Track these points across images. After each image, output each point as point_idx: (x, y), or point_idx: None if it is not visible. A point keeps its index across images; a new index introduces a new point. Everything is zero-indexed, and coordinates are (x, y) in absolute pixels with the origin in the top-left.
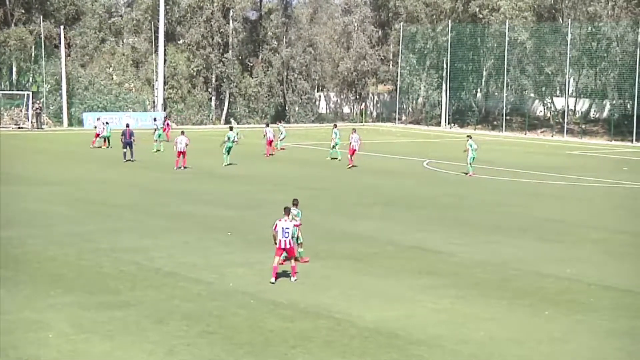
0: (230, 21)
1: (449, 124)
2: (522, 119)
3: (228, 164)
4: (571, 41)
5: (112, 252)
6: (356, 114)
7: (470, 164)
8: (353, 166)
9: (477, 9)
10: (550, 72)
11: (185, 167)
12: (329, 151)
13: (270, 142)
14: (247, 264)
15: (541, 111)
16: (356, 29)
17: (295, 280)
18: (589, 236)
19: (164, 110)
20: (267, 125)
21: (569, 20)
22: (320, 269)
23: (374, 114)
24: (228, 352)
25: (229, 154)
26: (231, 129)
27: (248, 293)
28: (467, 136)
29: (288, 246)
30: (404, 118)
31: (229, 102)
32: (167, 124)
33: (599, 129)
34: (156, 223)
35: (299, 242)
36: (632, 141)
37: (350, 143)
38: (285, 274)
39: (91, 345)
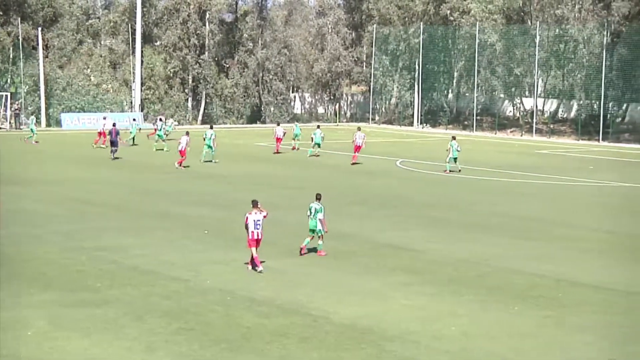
0: (207, 23)
1: (421, 124)
2: (493, 119)
3: (207, 161)
4: (539, 43)
5: (93, 250)
6: (330, 114)
7: (447, 162)
8: (356, 163)
9: (448, 12)
10: (519, 73)
11: (179, 166)
12: (308, 150)
13: (279, 140)
14: (224, 262)
15: (511, 111)
16: (330, 31)
17: (261, 270)
18: (559, 233)
19: (142, 111)
20: (278, 124)
21: (538, 22)
22: (297, 266)
23: (348, 114)
24: (205, 348)
25: (211, 148)
26: (211, 127)
27: (225, 290)
28: (452, 137)
29: (260, 237)
30: (377, 118)
31: (206, 102)
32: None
33: (567, 129)
34: (137, 222)
35: (319, 234)
36: (598, 140)
37: (355, 140)
38: (256, 272)
39: (70, 342)
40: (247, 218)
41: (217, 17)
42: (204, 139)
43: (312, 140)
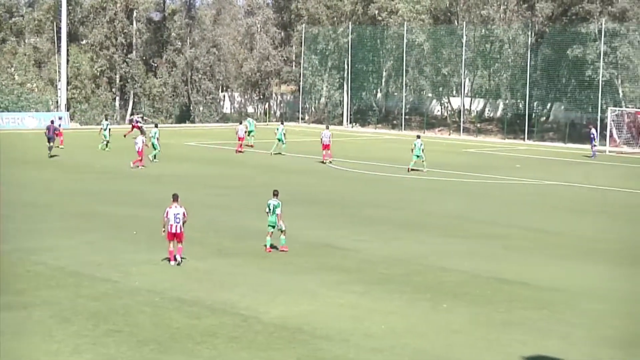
0: (134, 22)
1: (350, 123)
2: (421, 118)
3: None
4: (466, 43)
5: (20, 252)
6: (260, 113)
7: (414, 160)
8: (324, 161)
9: (377, 12)
10: (446, 73)
11: (134, 165)
12: (272, 146)
13: (241, 139)
14: (153, 262)
15: (439, 110)
16: (259, 30)
17: (180, 262)
18: (487, 231)
19: (67, 111)
20: (241, 123)
21: (464, 23)
22: (227, 265)
23: (278, 113)
24: (134, 349)
25: (154, 147)
26: (156, 125)
27: (153, 291)
28: (417, 136)
29: (179, 231)
30: (307, 118)
31: (134, 102)
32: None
33: (493, 128)
34: (66, 223)
35: (282, 230)
36: (524, 139)
37: (322, 139)
38: (186, 271)
39: None
40: (167, 212)
41: (144, 15)
42: (150, 138)
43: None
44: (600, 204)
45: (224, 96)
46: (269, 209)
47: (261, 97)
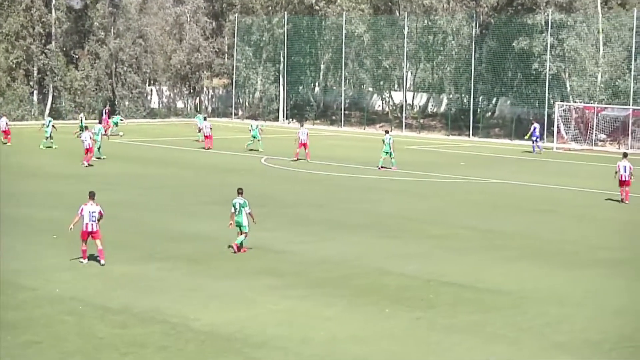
0: (53, 10)
1: (287, 118)
2: (361, 113)
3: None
4: (408, 34)
5: None
6: (190, 108)
7: (383, 157)
8: (299, 159)
9: (314, 1)
10: (388, 66)
11: (85, 163)
12: (246, 143)
13: (208, 137)
14: (74, 268)
15: (379, 105)
16: (189, 20)
17: (104, 264)
18: (429, 232)
19: None
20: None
21: (406, 13)
22: (155, 271)
23: (209, 108)
24: None
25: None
26: (100, 122)
27: (76, 298)
28: (385, 131)
29: (94, 229)
30: (240, 113)
31: (53, 96)
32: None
33: (437, 124)
34: None
35: (245, 230)
36: (468, 136)
37: (298, 137)
38: (112, 277)
39: None
40: (81, 209)
41: (64, 3)
42: (94, 134)
43: (249, 133)
44: (548, 202)
45: (152, 90)
46: (235, 209)
47: (191, 91)
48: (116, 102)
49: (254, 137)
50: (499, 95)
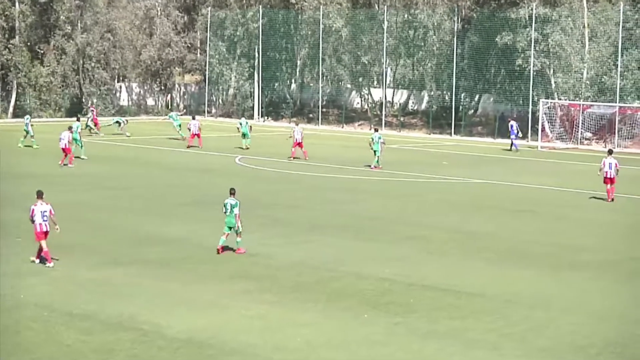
0: (17, 3)
1: (262, 116)
2: (339, 111)
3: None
4: (388, 29)
5: None
6: (161, 106)
7: (378, 157)
8: (295, 158)
9: None
10: (367, 62)
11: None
12: (241, 141)
13: (194, 136)
14: (40, 273)
15: (358, 103)
16: (159, 13)
17: (52, 266)
18: (409, 234)
19: None
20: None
21: (385, 7)
22: (123, 275)
23: (181, 106)
24: None
25: (76, 141)
26: (78, 119)
27: (42, 305)
28: (375, 129)
29: (48, 229)
30: (214, 111)
31: (17, 93)
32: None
33: (418, 122)
34: None
35: (238, 232)
36: (450, 134)
37: (293, 136)
38: (78, 282)
39: None
40: (32, 210)
41: None
42: (71, 132)
43: (238, 131)
44: (531, 203)
45: (121, 87)
46: (226, 209)
47: (162, 88)
48: (83, 100)
49: (245, 135)
50: (481, 92)
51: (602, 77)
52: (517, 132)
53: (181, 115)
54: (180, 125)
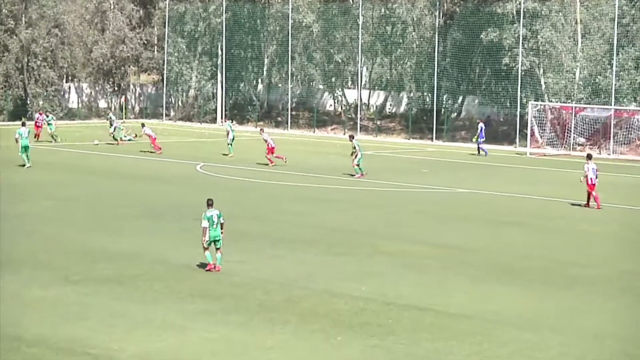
0: None
1: (225, 120)
2: (310, 114)
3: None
4: (363, 25)
5: None
6: (115, 108)
7: (359, 165)
8: (273, 164)
9: None
10: (340, 61)
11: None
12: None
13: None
14: None
15: (331, 105)
16: (112, 7)
17: None
18: (384, 248)
19: None
20: (143, 125)
21: (360, 1)
22: (73, 295)
23: (137, 108)
24: None
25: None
26: (24, 124)
27: None
28: (350, 136)
29: None
30: (172, 114)
31: None
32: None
33: (396, 126)
34: None
35: (218, 247)
36: (432, 139)
37: (268, 143)
38: (25, 302)
39: None
40: None
41: None
42: (17, 140)
43: (227, 135)
44: (517, 214)
45: (70, 88)
46: (212, 222)
47: (116, 88)
48: (28, 102)
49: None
50: (465, 93)
51: (596, 77)
52: (485, 136)
53: (122, 123)
54: (115, 129)
